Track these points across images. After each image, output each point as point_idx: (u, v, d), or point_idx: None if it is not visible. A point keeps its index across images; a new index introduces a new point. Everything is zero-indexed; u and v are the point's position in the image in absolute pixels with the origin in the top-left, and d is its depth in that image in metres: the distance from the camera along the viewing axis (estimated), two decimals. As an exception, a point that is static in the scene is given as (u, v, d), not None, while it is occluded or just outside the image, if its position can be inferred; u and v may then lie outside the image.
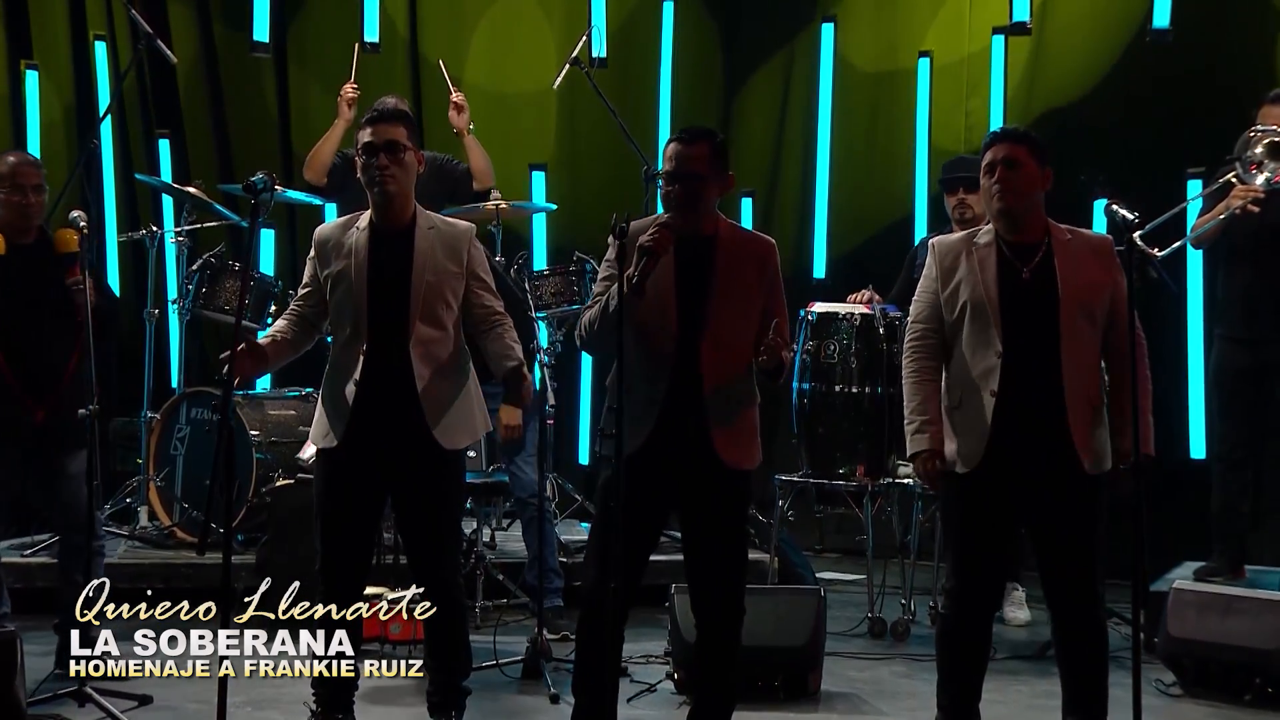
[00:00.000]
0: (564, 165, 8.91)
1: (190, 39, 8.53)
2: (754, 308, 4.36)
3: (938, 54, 8.40)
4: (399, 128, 4.59)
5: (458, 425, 4.58)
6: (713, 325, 4.30)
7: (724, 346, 4.32)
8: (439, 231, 4.62)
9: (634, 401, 4.27)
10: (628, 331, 4.22)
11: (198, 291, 6.93)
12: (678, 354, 4.30)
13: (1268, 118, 5.92)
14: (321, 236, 4.68)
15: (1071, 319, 4.33)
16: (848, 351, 6.37)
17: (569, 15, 8.80)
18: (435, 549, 4.65)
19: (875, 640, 6.32)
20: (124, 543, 6.82)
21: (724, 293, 4.33)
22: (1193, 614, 5.45)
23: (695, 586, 4.45)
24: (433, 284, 4.54)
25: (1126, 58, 7.78)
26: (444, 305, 4.56)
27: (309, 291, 4.68)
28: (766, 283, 4.39)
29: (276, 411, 6.94)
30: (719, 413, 4.31)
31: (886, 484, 6.41)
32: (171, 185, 7.52)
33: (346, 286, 4.55)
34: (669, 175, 4.35)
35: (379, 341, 4.52)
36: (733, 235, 4.44)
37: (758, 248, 4.44)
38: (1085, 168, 7.38)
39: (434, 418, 4.52)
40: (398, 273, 4.53)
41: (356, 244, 4.57)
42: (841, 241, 8.67)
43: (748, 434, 4.39)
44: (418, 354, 4.50)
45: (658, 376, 4.30)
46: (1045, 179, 4.43)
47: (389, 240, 4.57)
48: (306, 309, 4.69)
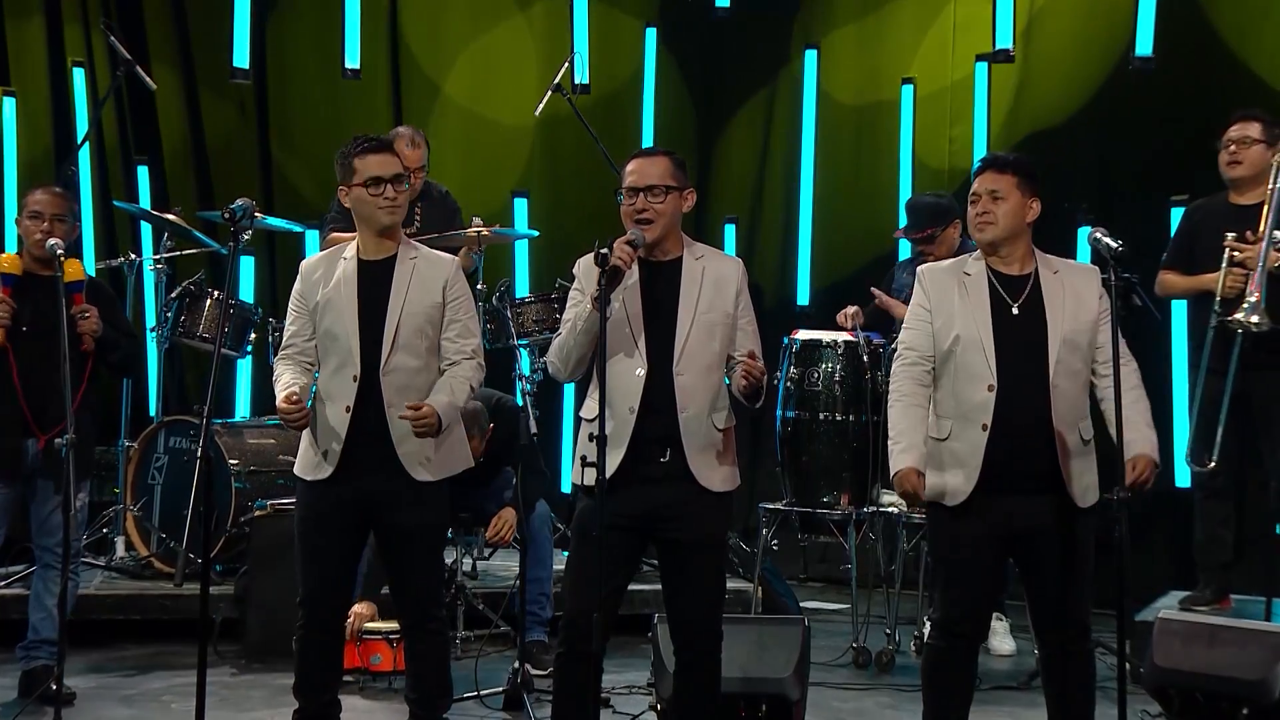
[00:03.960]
0: (546, 192, 8.95)
1: (169, 65, 8.55)
2: (724, 329, 4.39)
3: (921, 82, 8.46)
4: (398, 158, 4.63)
5: (434, 458, 4.56)
6: (682, 349, 4.32)
7: (695, 370, 4.33)
8: (420, 261, 4.63)
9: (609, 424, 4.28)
10: (599, 357, 4.25)
11: (176, 319, 6.93)
12: (649, 379, 4.31)
13: (1234, 132, 5.93)
14: (309, 267, 4.69)
15: (1060, 354, 4.35)
16: (831, 379, 6.39)
17: (551, 42, 8.84)
18: (417, 582, 4.64)
19: (860, 670, 6.31)
20: (100, 573, 6.79)
21: (692, 315, 4.35)
22: (1178, 644, 5.45)
23: (673, 612, 4.46)
24: (410, 314, 4.54)
25: (1109, 86, 7.83)
26: (420, 336, 4.56)
27: (304, 324, 4.64)
28: (735, 302, 4.41)
29: (256, 440, 6.93)
30: (694, 436, 4.33)
31: (871, 512, 6.42)
32: (150, 212, 7.52)
33: (336, 315, 4.55)
34: (630, 189, 4.39)
35: (366, 371, 4.52)
36: (698, 256, 4.46)
37: (724, 268, 4.46)
38: (1069, 195, 7.45)
39: (405, 448, 4.51)
40: (379, 302, 4.53)
41: (344, 273, 4.58)
42: (825, 269, 8.72)
43: (724, 456, 4.40)
44: (392, 384, 4.49)
45: (629, 402, 4.31)
46: (1031, 209, 4.45)
47: (373, 270, 4.58)
48: (305, 344, 4.64)
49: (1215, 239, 5.78)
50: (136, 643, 6.46)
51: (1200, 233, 5.96)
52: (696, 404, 4.32)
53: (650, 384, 4.31)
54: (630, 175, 4.40)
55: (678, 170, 4.42)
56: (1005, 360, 4.34)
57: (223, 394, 8.14)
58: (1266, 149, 5.85)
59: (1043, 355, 4.35)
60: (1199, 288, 5.93)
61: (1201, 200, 6.17)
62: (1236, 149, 5.90)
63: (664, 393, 4.31)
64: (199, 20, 8.66)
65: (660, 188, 4.36)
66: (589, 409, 4.38)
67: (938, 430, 4.43)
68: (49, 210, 5.43)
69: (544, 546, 6.28)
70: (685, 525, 4.34)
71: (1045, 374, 4.34)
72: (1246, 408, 5.86)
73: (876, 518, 6.46)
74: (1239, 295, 5.67)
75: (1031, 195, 4.44)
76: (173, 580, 6.52)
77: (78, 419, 5.06)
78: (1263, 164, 5.83)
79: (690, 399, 4.32)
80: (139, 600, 6.53)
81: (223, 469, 6.60)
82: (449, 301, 4.61)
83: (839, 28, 8.84)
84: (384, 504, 4.55)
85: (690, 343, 4.33)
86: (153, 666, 6.18)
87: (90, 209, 8.31)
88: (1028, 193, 4.44)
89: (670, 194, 4.38)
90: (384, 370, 4.49)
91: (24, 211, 5.48)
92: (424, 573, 4.65)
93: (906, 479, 4.42)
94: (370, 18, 8.68)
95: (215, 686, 5.46)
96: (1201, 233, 5.95)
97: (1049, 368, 4.34)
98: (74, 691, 5.53)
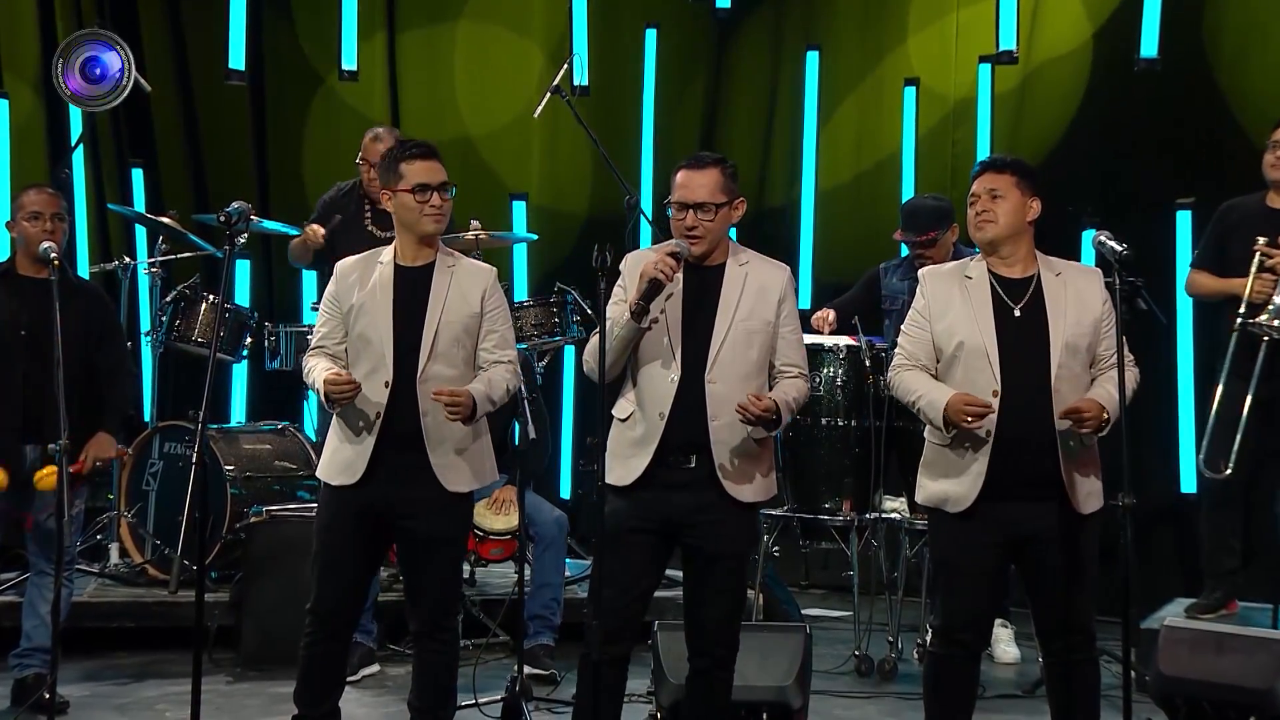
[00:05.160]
0: (545, 195, 8.94)
1: (165, 66, 8.55)
2: (764, 337, 4.38)
3: (923, 83, 8.44)
4: (443, 166, 4.61)
5: (463, 467, 4.56)
6: (716, 356, 4.32)
7: (729, 378, 4.33)
8: (459, 270, 4.61)
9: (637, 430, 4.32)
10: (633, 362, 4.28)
11: (171, 324, 6.91)
12: (682, 384, 4.31)
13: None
14: (344, 269, 4.67)
15: (1062, 358, 4.35)
16: (833, 383, 6.38)
17: (550, 43, 8.84)
18: (435, 593, 4.63)
19: (862, 679, 6.31)
20: (94, 580, 6.78)
21: (729, 323, 4.34)
22: (1185, 652, 5.44)
23: (691, 619, 4.47)
24: (447, 322, 4.53)
25: (1115, 87, 7.83)
26: (458, 345, 4.55)
27: (335, 326, 4.62)
28: (778, 310, 4.41)
29: (251, 446, 6.92)
30: (724, 444, 4.32)
31: (873, 519, 6.41)
32: (145, 215, 7.52)
33: (370, 320, 4.53)
34: (679, 204, 4.36)
35: (399, 377, 4.50)
36: (743, 262, 4.44)
37: (768, 275, 4.45)
38: (1073, 198, 7.44)
39: (439, 458, 4.51)
40: (416, 309, 4.52)
41: (381, 278, 4.56)
42: (826, 272, 8.69)
43: (758, 466, 4.39)
44: (429, 393, 4.46)
45: (660, 407, 4.31)
46: (1031, 208, 4.44)
47: (410, 276, 4.57)
48: (335, 346, 4.62)
49: (1248, 242, 5.75)
50: (131, 650, 6.45)
51: (1233, 234, 5.92)
52: (729, 412, 4.30)
53: (682, 390, 4.31)
54: (680, 189, 4.36)
55: (729, 181, 4.38)
56: (1008, 366, 4.34)
57: (218, 399, 8.14)
58: None
59: (1044, 359, 4.34)
60: (1227, 291, 5.91)
61: (1238, 199, 6.10)
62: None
63: (696, 399, 4.30)
64: (194, 21, 8.66)
65: (711, 205, 4.33)
66: (622, 408, 4.40)
67: (940, 435, 4.42)
68: (48, 209, 5.41)
69: (560, 553, 6.31)
70: (709, 534, 4.36)
71: (1047, 378, 4.33)
72: (1267, 415, 5.83)
73: (879, 524, 6.45)
74: (1266, 301, 5.66)
75: (1031, 194, 4.44)
76: (167, 587, 6.53)
77: (72, 426, 5.06)
78: None
79: (722, 407, 4.31)
80: (133, 607, 6.53)
81: (218, 475, 6.59)
82: (487, 312, 4.59)
83: (841, 27, 8.82)
84: (409, 512, 4.54)
85: (725, 350, 4.33)
86: (147, 674, 6.17)
87: (84, 212, 8.31)
88: (1027, 191, 4.43)
89: (721, 210, 4.35)
90: (421, 379, 4.48)
91: (20, 213, 5.44)
92: (442, 582, 4.64)
93: (954, 405, 4.27)
94: (367, 19, 8.69)
95: (210, 695, 5.44)
96: (1235, 234, 5.91)
97: (1051, 372, 4.33)
98: (67, 700, 5.52)
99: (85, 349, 5.45)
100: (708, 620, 4.42)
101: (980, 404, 4.27)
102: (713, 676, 4.46)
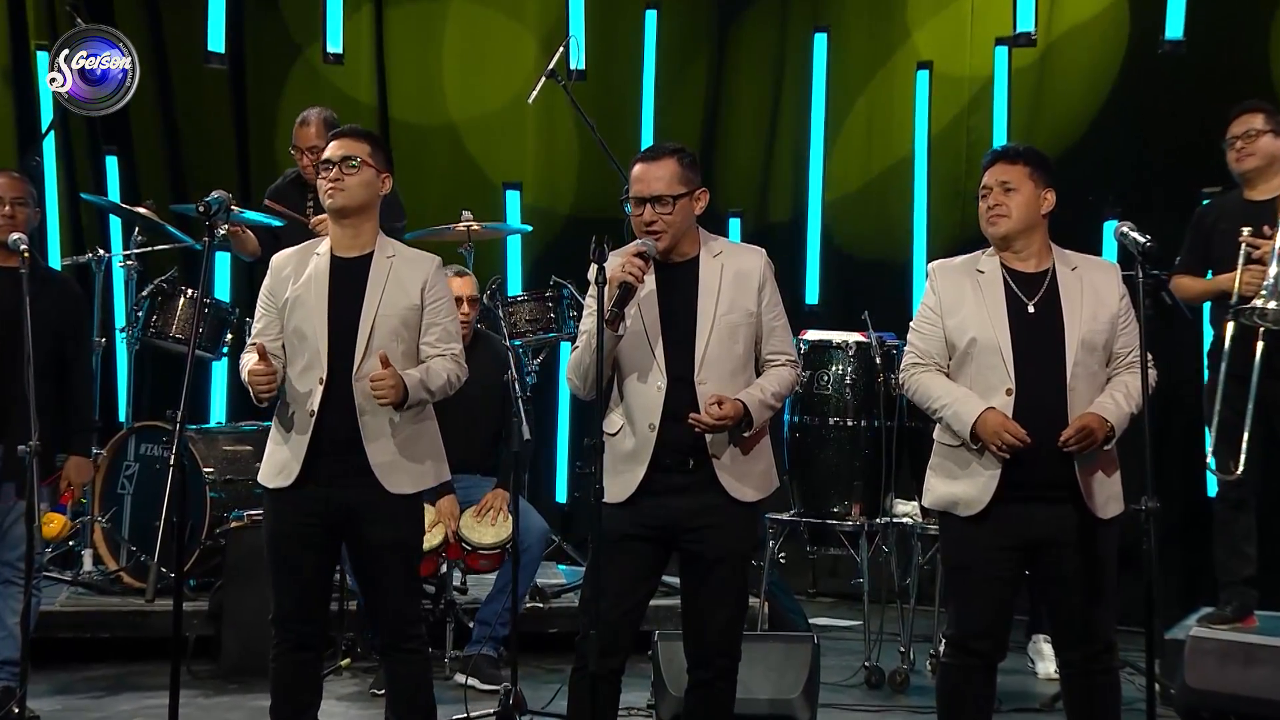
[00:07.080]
0: (540, 184, 8.94)
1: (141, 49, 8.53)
2: (747, 329, 4.38)
3: (937, 66, 8.44)
4: (361, 144, 4.58)
5: (406, 467, 4.53)
6: (703, 356, 4.32)
7: (718, 376, 4.32)
8: (398, 260, 4.60)
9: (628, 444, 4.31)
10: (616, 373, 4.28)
11: (148, 319, 6.92)
12: (670, 390, 4.30)
13: (1237, 128, 5.95)
14: (279, 262, 4.67)
15: (1078, 355, 4.34)
16: (842, 382, 6.39)
17: (545, 25, 8.84)
18: (393, 601, 4.62)
19: (873, 691, 6.31)
20: (66, 589, 6.78)
21: (711, 320, 4.34)
22: (1213, 663, 5.44)
23: (690, 628, 4.46)
24: (384, 316, 4.51)
25: (1138, 71, 7.82)
26: (396, 339, 4.52)
27: (270, 321, 4.62)
28: (758, 298, 4.41)
29: (231, 447, 6.93)
30: (721, 444, 4.32)
31: (884, 523, 6.42)
32: (120, 205, 7.54)
33: (304, 314, 4.53)
34: (636, 199, 4.35)
35: (334, 373, 4.49)
36: (716, 253, 4.44)
37: (744, 262, 4.45)
38: (1094, 187, 7.43)
39: (378, 457, 4.49)
40: (351, 302, 4.51)
41: (316, 270, 4.56)
42: (836, 265, 8.70)
43: (756, 461, 4.39)
44: (365, 390, 4.43)
45: (649, 419, 4.31)
46: (1046, 200, 4.44)
47: (347, 267, 4.56)
48: (271, 343, 4.59)
49: (1232, 239, 5.77)
50: (105, 662, 6.46)
51: (1215, 233, 5.95)
52: None
53: (671, 395, 4.30)
54: (636, 183, 4.36)
55: (686, 171, 4.38)
56: (1022, 364, 4.34)
57: (197, 398, 8.14)
58: (1275, 137, 5.88)
59: (1060, 357, 4.34)
60: (1216, 289, 5.93)
61: (1213, 200, 6.17)
62: (1244, 144, 5.92)
63: (687, 403, 4.29)
64: (171, 2, 8.66)
65: (669, 198, 4.33)
66: (611, 422, 4.38)
67: (950, 435, 4.42)
68: (8, 194, 5.37)
69: (533, 567, 6.34)
70: (709, 537, 4.35)
71: (1062, 377, 4.33)
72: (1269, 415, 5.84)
73: (890, 529, 6.45)
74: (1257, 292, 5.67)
75: (1045, 186, 4.44)
76: (143, 596, 6.50)
77: (42, 424, 5.05)
78: (1273, 153, 5.86)
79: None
80: (107, 617, 6.54)
81: (197, 478, 6.60)
82: (428, 304, 4.57)
83: (850, 8, 8.83)
84: (355, 518, 4.52)
85: (711, 349, 4.33)
86: (122, 687, 6.17)
87: (56, 202, 8.32)
88: (1041, 183, 4.43)
89: (680, 201, 4.35)
90: (356, 375, 4.46)
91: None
92: (400, 591, 4.61)
93: (990, 424, 4.27)
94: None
95: (189, 709, 5.44)
96: (1216, 233, 5.94)
97: (1066, 370, 4.33)
98: (37, 715, 5.51)
99: (57, 342, 5.43)
100: (708, 628, 4.41)
101: (1021, 435, 4.25)
102: (714, 688, 4.44)
